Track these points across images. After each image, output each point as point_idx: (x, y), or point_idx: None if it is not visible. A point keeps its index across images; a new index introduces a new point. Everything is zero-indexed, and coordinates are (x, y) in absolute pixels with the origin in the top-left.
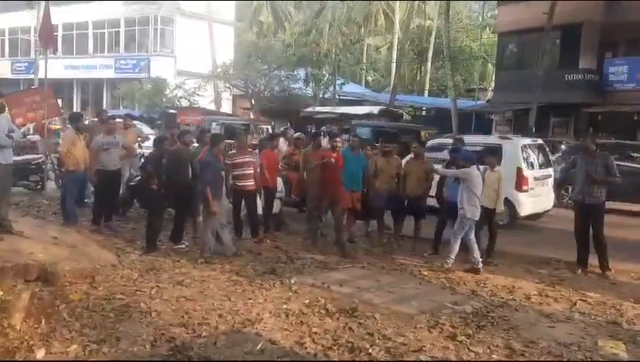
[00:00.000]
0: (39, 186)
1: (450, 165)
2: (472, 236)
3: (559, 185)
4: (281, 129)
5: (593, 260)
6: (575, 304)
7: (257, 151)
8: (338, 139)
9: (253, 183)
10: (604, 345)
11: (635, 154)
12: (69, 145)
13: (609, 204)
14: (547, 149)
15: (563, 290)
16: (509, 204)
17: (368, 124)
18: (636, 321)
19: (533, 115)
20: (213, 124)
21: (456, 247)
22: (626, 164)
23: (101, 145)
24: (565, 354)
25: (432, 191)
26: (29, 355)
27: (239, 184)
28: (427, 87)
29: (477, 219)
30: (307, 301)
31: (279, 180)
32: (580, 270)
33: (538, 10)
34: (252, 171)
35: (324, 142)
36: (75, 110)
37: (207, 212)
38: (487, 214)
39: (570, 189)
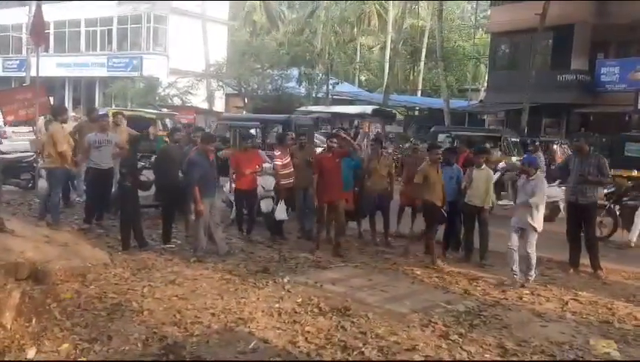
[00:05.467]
0: (30, 184)
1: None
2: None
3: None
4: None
5: (585, 260)
6: (567, 303)
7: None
8: (334, 139)
9: (292, 181)
10: (596, 343)
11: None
12: (54, 140)
13: None
14: None
15: (555, 290)
16: None
17: None
18: (627, 320)
19: (526, 115)
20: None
21: (534, 261)
22: None
23: (93, 142)
24: (557, 353)
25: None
26: (20, 354)
27: (284, 183)
28: (420, 87)
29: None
30: (300, 300)
31: (271, 179)
32: (571, 269)
33: (530, 11)
34: (292, 170)
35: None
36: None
37: (196, 211)
38: (477, 212)
39: None
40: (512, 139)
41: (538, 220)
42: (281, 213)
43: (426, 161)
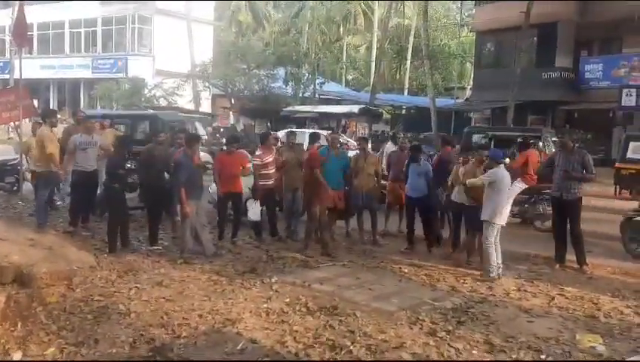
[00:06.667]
0: (15, 188)
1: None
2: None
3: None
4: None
5: (571, 255)
6: (553, 299)
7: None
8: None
9: (273, 182)
10: (582, 338)
11: None
12: (42, 143)
13: None
14: None
15: (541, 285)
16: None
17: None
18: (613, 315)
19: (511, 113)
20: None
21: (493, 253)
22: None
23: (79, 144)
24: (544, 348)
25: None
26: (6, 358)
27: (261, 183)
28: (406, 85)
29: (504, 224)
30: (288, 299)
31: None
32: (557, 265)
33: (515, 10)
34: (274, 170)
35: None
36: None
37: (182, 213)
38: (462, 210)
39: None
40: (553, 139)
41: (490, 212)
42: (254, 214)
43: (471, 162)
